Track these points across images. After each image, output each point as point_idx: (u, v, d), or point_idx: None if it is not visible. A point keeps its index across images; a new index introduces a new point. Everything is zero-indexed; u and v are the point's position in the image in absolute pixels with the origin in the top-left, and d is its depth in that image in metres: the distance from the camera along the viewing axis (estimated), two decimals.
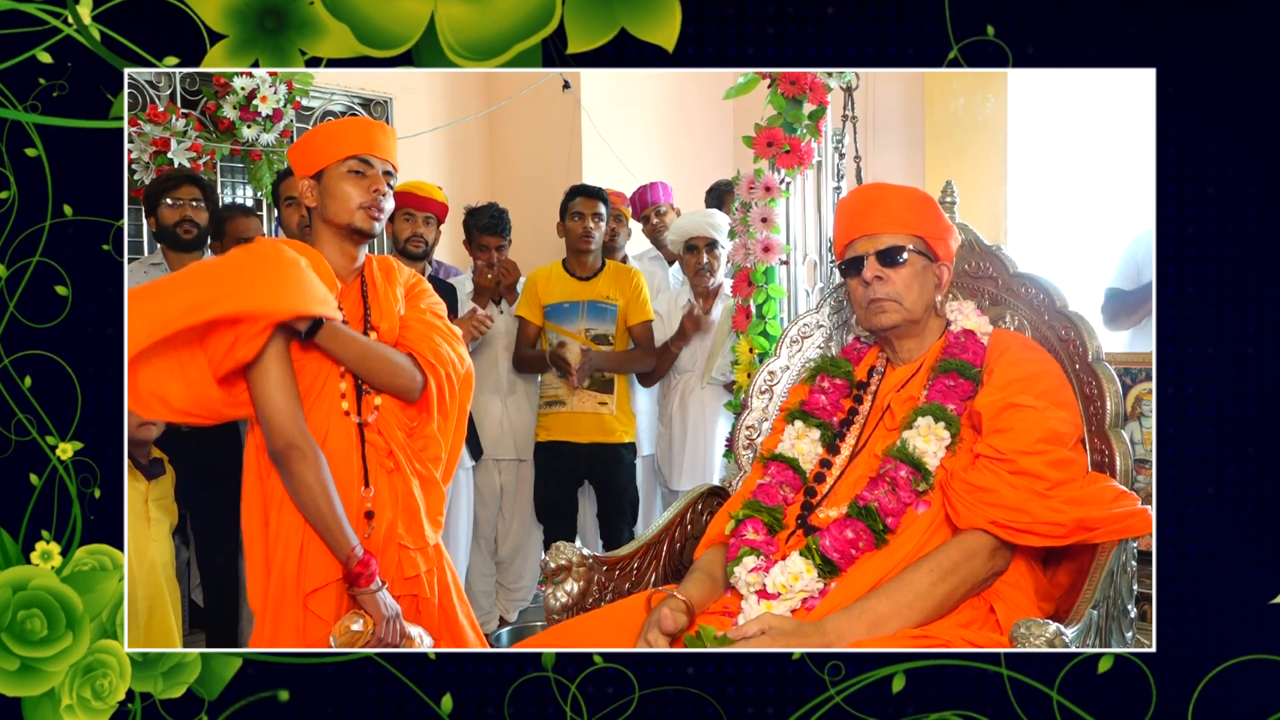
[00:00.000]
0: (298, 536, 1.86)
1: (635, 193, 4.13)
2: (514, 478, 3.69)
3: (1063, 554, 1.63)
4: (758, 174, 2.73)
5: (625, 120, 5.11)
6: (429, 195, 3.32)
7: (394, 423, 1.98)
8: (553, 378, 3.50)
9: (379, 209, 1.92)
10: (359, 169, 1.91)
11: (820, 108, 2.67)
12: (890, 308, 1.75)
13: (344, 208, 1.91)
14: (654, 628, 1.53)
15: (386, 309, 1.99)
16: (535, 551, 3.73)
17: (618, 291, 3.51)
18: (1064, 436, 1.58)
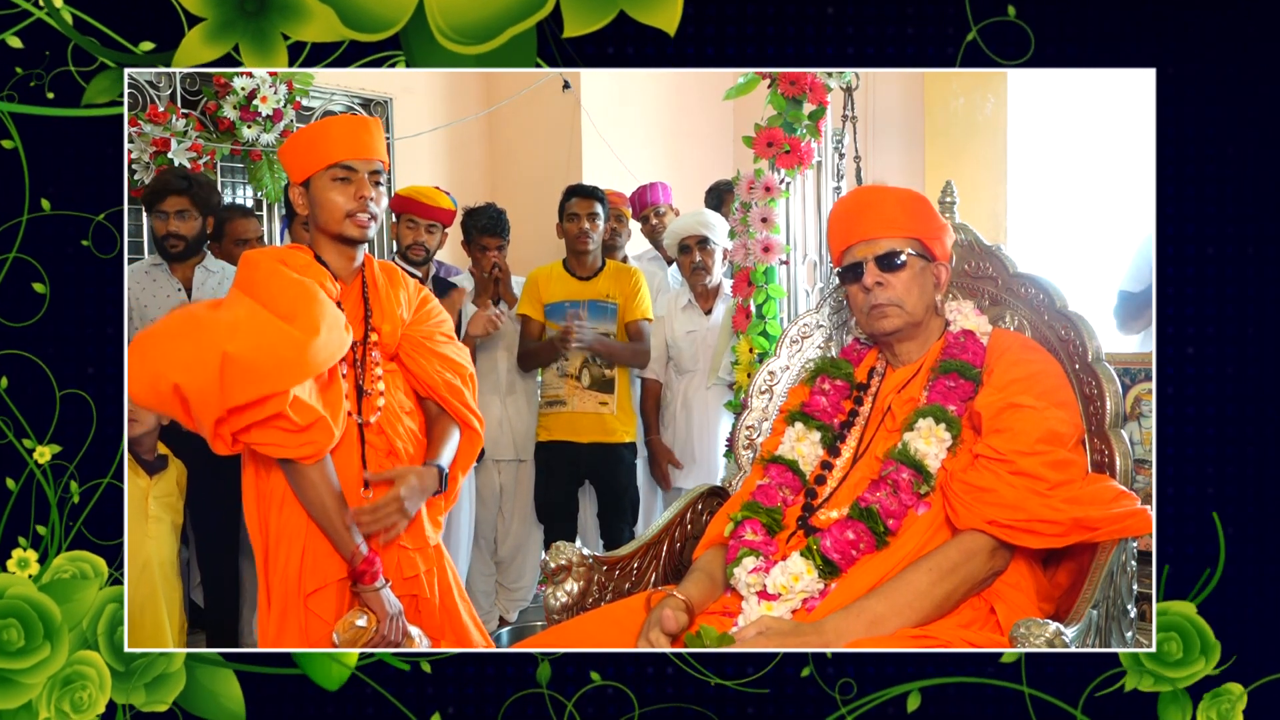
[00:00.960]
0: (300, 536, 1.86)
1: (635, 193, 4.13)
2: (514, 478, 3.69)
3: (1063, 554, 1.63)
4: (758, 174, 2.73)
5: (625, 120, 5.11)
6: (433, 203, 3.32)
7: (396, 423, 1.98)
8: (553, 377, 3.50)
9: (367, 215, 1.90)
10: (343, 175, 1.89)
11: (820, 108, 2.67)
12: (892, 312, 1.75)
13: (332, 217, 1.90)
14: (655, 627, 1.53)
15: (388, 310, 1.99)
16: (535, 551, 3.73)
17: (618, 291, 3.51)
18: (1063, 437, 1.58)
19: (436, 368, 2.02)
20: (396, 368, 2.03)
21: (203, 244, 3.08)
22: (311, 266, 1.90)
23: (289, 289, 1.78)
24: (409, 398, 2.04)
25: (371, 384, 1.95)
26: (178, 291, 3.07)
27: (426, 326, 2.05)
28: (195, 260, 3.11)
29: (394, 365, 2.03)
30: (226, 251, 3.34)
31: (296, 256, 1.91)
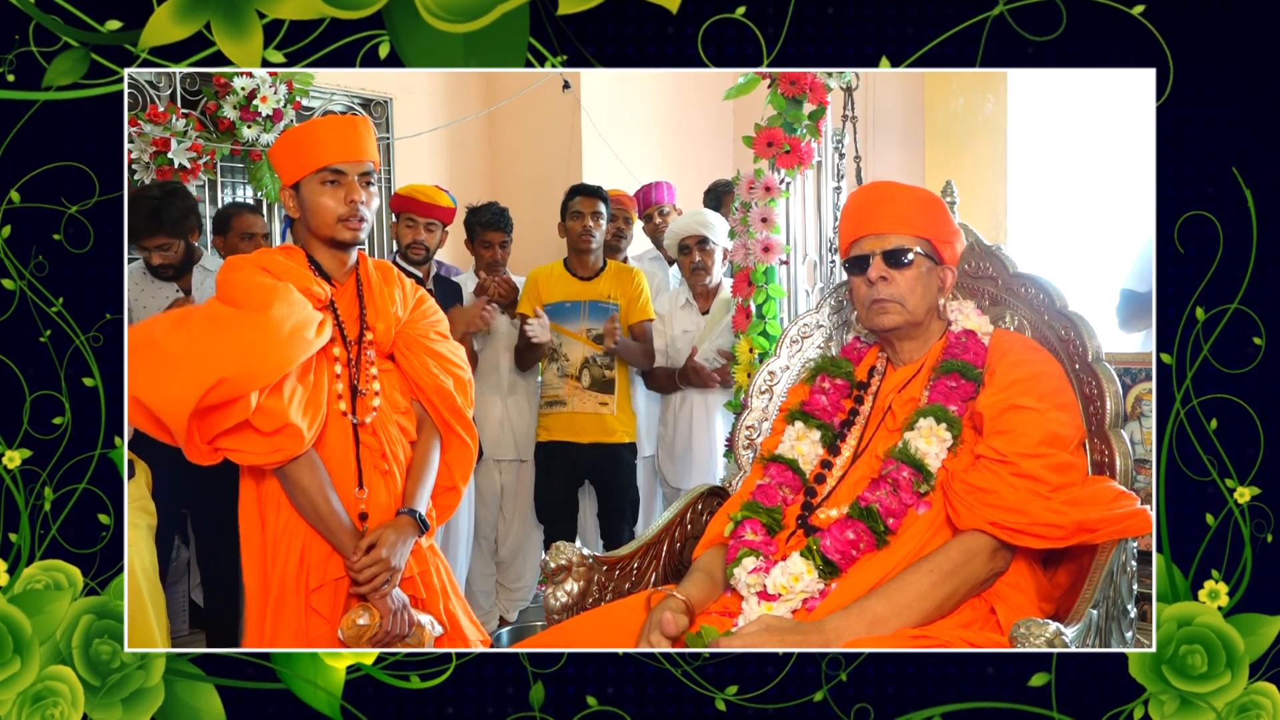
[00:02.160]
0: (299, 536, 1.86)
1: (639, 191, 4.13)
2: (514, 478, 3.69)
3: (1063, 554, 1.63)
4: (758, 174, 2.73)
5: (625, 120, 5.11)
6: (432, 201, 3.32)
7: (390, 425, 1.98)
8: (554, 377, 3.50)
9: (358, 218, 1.89)
10: (332, 179, 1.88)
11: (820, 108, 2.67)
12: (893, 309, 1.75)
13: (323, 221, 1.89)
14: (655, 629, 1.53)
15: (383, 309, 1.99)
16: (535, 551, 3.74)
17: (619, 291, 3.51)
18: (1065, 439, 1.58)
19: (430, 367, 2.01)
20: (392, 367, 2.03)
21: (192, 258, 3.08)
22: (300, 270, 1.89)
23: (253, 293, 1.77)
24: (404, 397, 2.03)
25: (366, 383, 1.95)
26: (176, 293, 3.07)
27: (422, 325, 2.05)
28: (188, 277, 3.12)
29: (390, 365, 2.02)
30: (232, 246, 3.34)
31: (285, 260, 1.90)
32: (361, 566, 1.82)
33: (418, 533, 1.92)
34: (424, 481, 1.99)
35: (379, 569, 1.83)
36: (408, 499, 1.96)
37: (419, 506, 1.95)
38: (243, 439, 1.74)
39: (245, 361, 1.69)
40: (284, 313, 1.76)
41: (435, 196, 3.35)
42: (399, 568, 1.87)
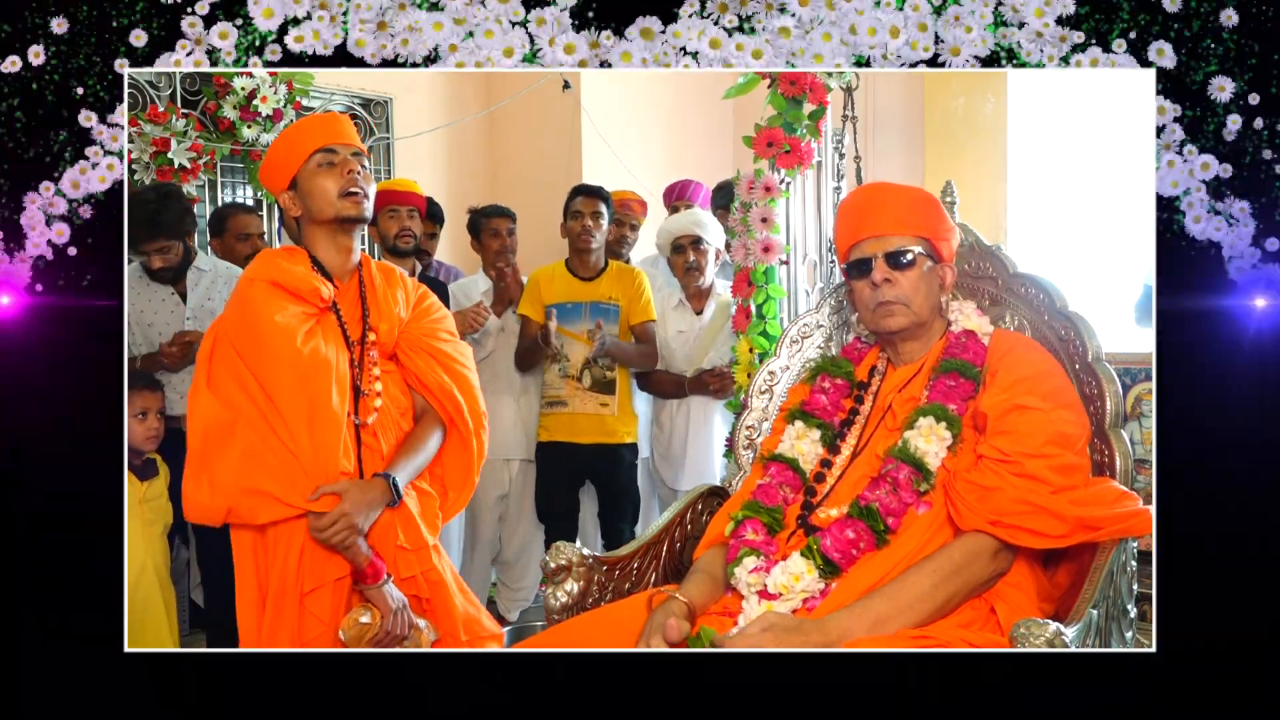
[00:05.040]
0: (298, 537, 1.85)
1: (674, 184, 4.08)
2: (524, 477, 3.69)
3: (1063, 554, 1.63)
4: (758, 174, 2.73)
5: (625, 120, 5.10)
6: (404, 188, 3.38)
7: (392, 426, 1.98)
8: (554, 378, 3.50)
9: (360, 191, 1.90)
10: (327, 160, 1.90)
11: (820, 108, 2.67)
12: (899, 310, 1.74)
13: (326, 201, 1.89)
14: (656, 633, 1.53)
15: (385, 310, 1.99)
16: (538, 552, 3.73)
17: (620, 292, 3.50)
18: (1071, 438, 1.58)
19: (433, 367, 2.00)
20: (395, 368, 2.03)
21: (188, 260, 3.08)
22: (304, 272, 1.89)
23: (282, 376, 1.82)
24: (406, 397, 2.03)
25: (369, 384, 1.94)
26: (171, 295, 3.08)
27: (425, 324, 2.04)
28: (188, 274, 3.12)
29: (392, 365, 2.02)
30: (228, 246, 3.33)
31: (290, 264, 1.89)
32: (321, 522, 1.79)
33: (388, 498, 1.88)
34: (410, 455, 1.96)
35: (341, 524, 1.79)
36: (388, 464, 1.93)
37: (396, 475, 1.90)
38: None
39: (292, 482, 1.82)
40: (311, 395, 1.83)
41: (406, 184, 3.42)
42: (362, 530, 1.83)
